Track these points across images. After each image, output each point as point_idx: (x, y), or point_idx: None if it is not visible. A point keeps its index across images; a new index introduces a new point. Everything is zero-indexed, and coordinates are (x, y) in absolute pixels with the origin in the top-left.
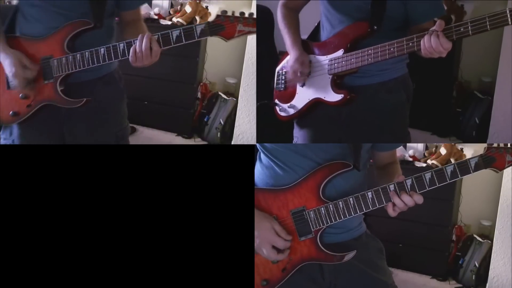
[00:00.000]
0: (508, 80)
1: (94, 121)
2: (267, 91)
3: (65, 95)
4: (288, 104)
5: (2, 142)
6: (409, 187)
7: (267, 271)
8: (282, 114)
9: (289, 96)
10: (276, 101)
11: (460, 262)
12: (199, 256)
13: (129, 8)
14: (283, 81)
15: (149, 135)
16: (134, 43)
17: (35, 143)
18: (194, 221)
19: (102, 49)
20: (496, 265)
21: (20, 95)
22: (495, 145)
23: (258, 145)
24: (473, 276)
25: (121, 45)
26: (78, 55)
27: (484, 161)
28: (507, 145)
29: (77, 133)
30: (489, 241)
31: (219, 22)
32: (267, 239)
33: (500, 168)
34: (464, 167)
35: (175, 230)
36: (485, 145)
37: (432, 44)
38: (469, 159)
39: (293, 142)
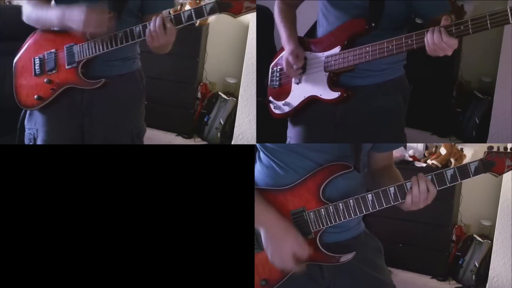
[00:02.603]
0: (508, 80)
1: (112, 115)
2: (266, 89)
3: (86, 78)
4: (283, 102)
5: (27, 131)
6: (409, 189)
7: (266, 271)
8: (277, 111)
9: (284, 93)
10: (270, 98)
11: (460, 262)
12: (199, 256)
13: (153, 12)
14: (277, 78)
15: (149, 135)
16: (149, 25)
17: (56, 132)
18: (194, 221)
19: (120, 33)
20: (496, 265)
21: (45, 80)
22: (495, 149)
23: (258, 145)
24: (473, 276)
25: (137, 28)
26: (98, 39)
27: (484, 166)
28: (506, 149)
29: (95, 127)
30: (489, 241)
31: (226, 0)
32: (290, 249)
33: (500, 173)
34: (464, 171)
35: (175, 230)
36: (484, 145)
37: (435, 40)
38: (469, 163)
39: (287, 142)
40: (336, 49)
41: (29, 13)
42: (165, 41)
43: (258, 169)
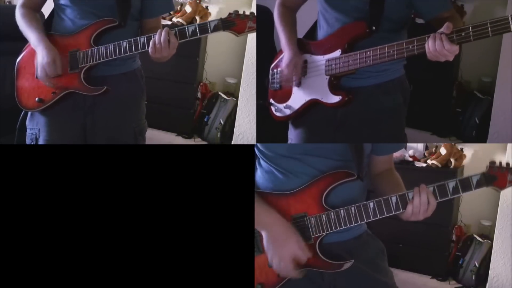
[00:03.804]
0: (508, 80)
1: (115, 114)
2: (267, 91)
3: (88, 84)
4: (284, 105)
5: (28, 132)
6: (410, 199)
7: (263, 274)
8: (278, 114)
9: (284, 96)
10: (271, 101)
11: (460, 262)
12: (198, 256)
13: (150, 16)
14: (278, 80)
15: (149, 135)
16: (153, 37)
17: (58, 132)
18: (193, 222)
19: (124, 42)
20: (496, 265)
21: (47, 83)
22: (497, 163)
23: (257, 152)
24: (473, 276)
25: (142, 39)
26: (102, 47)
27: (486, 179)
28: (509, 165)
29: (98, 125)
30: (489, 241)
31: (231, 19)
32: (290, 252)
33: (501, 187)
34: (466, 184)
35: (174, 230)
36: (485, 145)
37: (436, 47)
38: (471, 176)
39: (288, 143)
40: (337, 53)
41: (18, 21)
42: (167, 54)
43: (259, 174)
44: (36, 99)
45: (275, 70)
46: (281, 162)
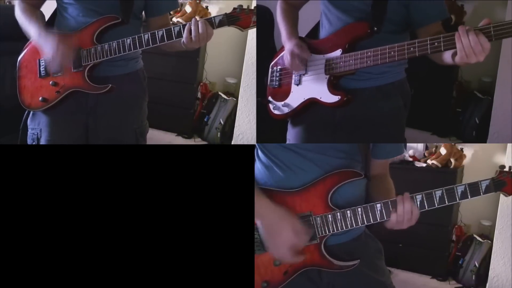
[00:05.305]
0: (508, 80)
1: (117, 115)
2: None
3: (92, 82)
4: (283, 103)
5: (30, 131)
6: (418, 203)
7: (268, 272)
8: (276, 112)
9: (283, 94)
10: (270, 98)
11: (460, 262)
12: (199, 256)
13: (158, 14)
14: (277, 78)
15: (149, 135)
16: (186, 28)
17: (60, 132)
18: (194, 221)
19: (128, 40)
20: (496, 265)
21: (50, 82)
22: (506, 168)
23: (257, 144)
24: (473, 276)
25: (146, 35)
26: (106, 45)
27: (495, 185)
28: None
29: (100, 126)
30: (489, 241)
31: (235, 14)
32: (286, 240)
33: (510, 193)
34: (474, 189)
35: (175, 230)
36: (485, 145)
37: (471, 42)
38: (480, 181)
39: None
40: (337, 52)
41: (18, 16)
42: (204, 44)
43: (257, 167)
44: (40, 98)
45: (275, 68)
46: (279, 154)
